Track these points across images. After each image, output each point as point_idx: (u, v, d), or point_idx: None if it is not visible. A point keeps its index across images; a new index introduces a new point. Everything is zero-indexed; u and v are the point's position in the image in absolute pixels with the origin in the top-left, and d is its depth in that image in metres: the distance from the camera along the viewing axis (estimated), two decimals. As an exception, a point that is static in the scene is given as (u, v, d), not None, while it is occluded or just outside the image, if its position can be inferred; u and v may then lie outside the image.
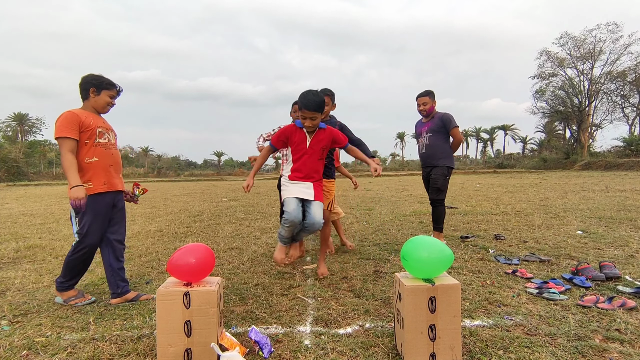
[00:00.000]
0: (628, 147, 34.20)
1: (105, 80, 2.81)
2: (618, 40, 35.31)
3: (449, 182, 4.48)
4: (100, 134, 2.75)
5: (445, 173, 4.42)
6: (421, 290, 1.90)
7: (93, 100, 2.79)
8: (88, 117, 2.71)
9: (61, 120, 2.62)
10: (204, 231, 5.90)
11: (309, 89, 2.89)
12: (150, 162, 65.82)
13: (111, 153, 2.82)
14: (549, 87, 40.69)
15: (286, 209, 2.88)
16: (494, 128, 67.31)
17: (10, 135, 52.29)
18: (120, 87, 2.91)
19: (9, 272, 3.76)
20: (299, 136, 2.91)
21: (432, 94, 4.47)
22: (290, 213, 2.84)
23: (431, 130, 4.46)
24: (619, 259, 3.68)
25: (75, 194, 2.54)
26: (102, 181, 2.73)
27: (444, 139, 4.45)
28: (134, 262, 4.08)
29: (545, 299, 2.69)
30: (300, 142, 2.92)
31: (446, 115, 4.41)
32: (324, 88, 3.48)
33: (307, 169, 2.94)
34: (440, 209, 4.49)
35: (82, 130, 2.66)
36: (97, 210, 2.72)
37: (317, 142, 2.93)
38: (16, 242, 5.28)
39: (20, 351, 2.11)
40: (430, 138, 4.46)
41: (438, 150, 4.44)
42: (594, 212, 6.66)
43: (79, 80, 2.78)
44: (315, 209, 2.93)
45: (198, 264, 2.02)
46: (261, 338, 2.06)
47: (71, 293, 2.82)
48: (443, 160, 4.43)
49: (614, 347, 2.01)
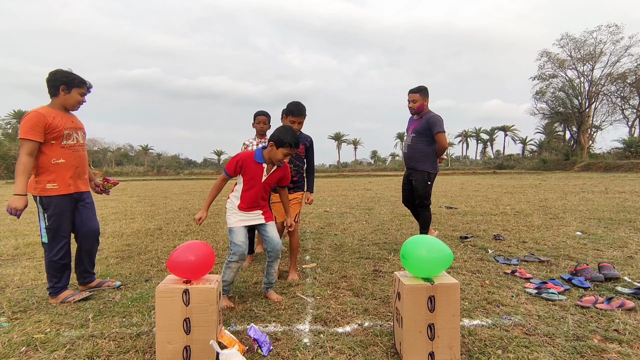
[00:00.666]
0: (628, 149, 34.24)
1: (76, 78, 2.74)
2: (619, 42, 35.33)
3: (431, 187, 4.24)
4: (67, 136, 2.72)
5: (425, 179, 4.18)
6: (420, 289, 1.90)
7: (63, 98, 2.72)
8: (56, 118, 2.65)
9: (26, 121, 2.55)
10: (203, 230, 5.90)
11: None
12: (150, 160, 65.78)
13: (78, 154, 2.82)
14: (549, 89, 40.73)
15: (235, 240, 2.68)
16: (494, 129, 67.31)
17: (10, 132, 52.22)
18: (90, 84, 2.86)
19: (8, 269, 3.76)
20: (256, 169, 2.71)
21: (423, 91, 4.17)
22: (239, 245, 2.66)
23: (415, 131, 4.21)
24: (618, 260, 3.68)
25: (16, 203, 2.53)
26: (68, 183, 2.74)
27: (427, 142, 4.15)
28: (133, 259, 4.08)
29: (544, 299, 2.69)
30: (256, 176, 2.72)
31: (434, 117, 4.09)
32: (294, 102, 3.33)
33: (256, 200, 2.76)
34: (426, 214, 4.28)
35: (47, 131, 2.61)
36: (62, 209, 2.74)
37: (272, 178, 2.77)
38: (15, 239, 5.28)
39: (19, 347, 2.11)
40: (413, 139, 4.23)
41: (419, 153, 4.19)
42: (593, 213, 6.67)
43: (47, 76, 2.68)
44: (271, 231, 2.80)
45: (198, 261, 2.02)
46: (260, 336, 2.06)
47: (66, 293, 2.82)
48: (423, 164, 4.18)
49: (613, 347, 2.01)
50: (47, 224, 2.71)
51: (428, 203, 4.26)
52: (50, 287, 2.80)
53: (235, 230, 2.72)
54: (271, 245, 2.79)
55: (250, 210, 2.77)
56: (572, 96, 39.97)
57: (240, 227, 2.74)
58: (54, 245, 2.74)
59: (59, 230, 2.73)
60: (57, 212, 2.72)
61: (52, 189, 2.68)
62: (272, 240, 2.79)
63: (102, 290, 3.05)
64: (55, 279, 2.78)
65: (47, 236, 2.72)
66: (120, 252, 4.45)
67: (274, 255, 2.82)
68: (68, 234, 2.81)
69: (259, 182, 2.72)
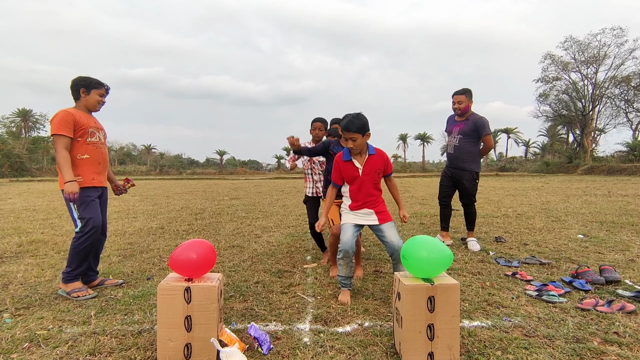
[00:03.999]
0: (631, 152, 34.06)
1: (93, 80, 2.98)
2: (623, 44, 35.15)
3: (477, 184, 4.51)
4: (92, 133, 2.94)
5: (474, 178, 4.43)
6: (420, 289, 1.91)
7: (84, 99, 2.96)
8: (81, 117, 2.89)
9: (57, 119, 2.78)
10: (205, 229, 5.92)
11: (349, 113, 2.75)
12: (153, 159, 65.95)
13: (101, 151, 3.02)
14: (553, 91, 40.55)
15: (342, 238, 2.73)
16: (497, 131, 67.04)
17: (14, 130, 52.51)
18: (107, 86, 3.09)
19: (12, 265, 3.79)
20: (349, 167, 2.75)
21: (469, 93, 4.35)
22: (344, 243, 2.68)
23: (462, 132, 4.37)
24: (620, 263, 3.67)
25: (70, 189, 2.72)
26: (92, 177, 2.93)
27: (473, 143, 4.36)
28: (136, 258, 4.10)
29: (544, 302, 2.69)
30: (353, 173, 2.75)
31: (481, 119, 4.27)
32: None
33: (364, 196, 2.76)
34: (473, 210, 4.52)
35: (75, 128, 2.83)
36: (90, 198, 2.91)
37: (368, 167, 2.74)
38: (19, 236, 5.31)
39: (22, 343, 2.13)
40: (461, 140, 4.39)
41: (466, 154, 4.37)
42: (596, 216, 6.65)
43: (70, 83, 2.96)
44: (387, 232, 2.72)
45: (199, 259, 2.04)
46: (260, 335, 2.08)
47: (76, 284, 2.89)
48: (470, 164, 4.38)
49: (612, 350, 2.01)
50: (79, 214, 2.86)
51: (475, 200, 4.53)
52: (66, 272, 2.89)
53: (344, 228, 2.78)
54: (391, 247, 2.68)
55: (361, 207, 2.79)
56: (575, 99, 39.81)
57: (349, 226, 2.77)
58: (84, 232, 2.86)
59: (90, 217, 2.87)
60: (86, 201, 2.87)
61: (78, 182, 2.83)
62: (391, 243, 2.68)
63: (104, 288, 3.08)
64: (74, 265, 2.88)
65: (81, 224, 2.87)
66: (123, 250, 4.48)
67: (396, 257, 2.65)
68: (98, 222, 2.93)
69: (358, 177, 2.75)
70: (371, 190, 2.78)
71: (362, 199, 2.78)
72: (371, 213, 2.78)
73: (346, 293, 2.79)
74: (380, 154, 2.82)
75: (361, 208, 2.79)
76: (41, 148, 49.27)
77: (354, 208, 2.80)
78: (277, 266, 3.70)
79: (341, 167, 2.79)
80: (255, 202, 10.26)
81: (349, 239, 2.70)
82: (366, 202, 2.78)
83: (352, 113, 2.71)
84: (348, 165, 2.77)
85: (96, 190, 2.97)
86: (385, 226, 2.75)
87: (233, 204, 9.83)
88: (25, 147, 43.33)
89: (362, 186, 2.76)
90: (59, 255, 4.22)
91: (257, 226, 6.12)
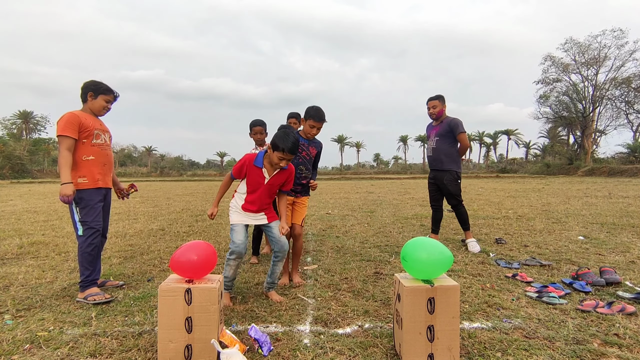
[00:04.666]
0: (632, 153, 34.08)
1: (103, 86, 3.04)
2: (623, 46, 35.23)
3: (460, 184, 4.58)
4: (97, 135, 2.97)
5: (455, 177, 4.52)
6: (420, 290, 1.91)
7: (90, 103, 3.02)
8: (87, 119, 2.93)
9: (63, 120, 2.83)
10: (205, 231, 5.93)
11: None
12: (153, 161, 66.03)
13: (106, 153, 3.05)
14: (553, 93, 40.62)
15: (233, 238, 2.72)
16: (497, 132, 67.09)
17: (15, 132, 52.62)
18: (117, 93, 3.15)
19: (13, 267, 3.80)
20: (256, 173, 2.75)
21: (442, 98, 4.55)
22: (237, 244, 2.69)
23: (439, 135, 4.53)
24: (620, 264, 3.67)
25: (64, 191, 2.74)
26: (97, 178, 2.95)
27: (450, 144, 4.50)
28: (136, 259, 4.10)
29: (544, 303, 2.69)
30: (258, 180, 2.76)
31: (454, 120, 4.44)
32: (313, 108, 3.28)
33: (260, 203, 2.80)
34: (461, 209, 4.58)
35: (80, 130, 2.86)
36: (93, 202, 2.92)
37: (275, 180, 2.79)
38: (20, 238, 5.32)
39: (23, 345, 2.14)
40: (438, 142, 4.55)
41: (444, 154, 4.52)
42: (596, 218, 6.65)
43: (81, 85, 3.02)
44: (276, 231, 2.82)
45: (200, 261, 2.04)
46: (261, 336, 2.08)
47: (93, 290, 2.89)
48: (449, 164, 4.51)
49: (613, 351, 2.01)
50: (80, 217, 2.88)
51: (461, 200, 4.58)
52: (82, 280, 2.89)
53: (236, 229, 2.77)
54: (278, 245, 2.81)
55: (254, 212, 2.81)
56: (576, 100, 39.85)
57: (241, 226, 2.79)
58: (87, 237, 2.88)
59: (92, 222, 2.89)
60: (89, 205, 2.89)
61: (83, 183, 2.87)
62: (279, 240, 2.81)
63: (105, 290, 3.08)
64: (88, 272, 2.89)
65: (82, 228, 2.88)
66: (123, 252, 4.49)
67: (280, 255, 2.84)
68: (100, 226, 2.95)
69: (262, 185, 2.76)
70: (266, 197, 2.82)
71: (257, 206, 2.80)
72: (261, 214, 2.84)
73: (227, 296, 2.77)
74: (290, 169, 2.85)
75: (253, 211, 2.81)
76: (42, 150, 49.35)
77: (246, 209, 2.80)
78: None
79: (249, 170, 2.75)
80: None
81: (243, 241, 2.72)
82: (258, 207, 2.81)
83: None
84: (257, 171, 2.74)
85: (100, 193, 2.99)
86: (274, 224, 2.85)
87: (233, 205, 9.82)
88: (26, 148, 43.41)
89: (261, 194, 2.77)
90: (60, 257, 4.23)
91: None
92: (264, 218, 2.84)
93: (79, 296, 2.86)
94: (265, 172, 2.74)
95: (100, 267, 3.07)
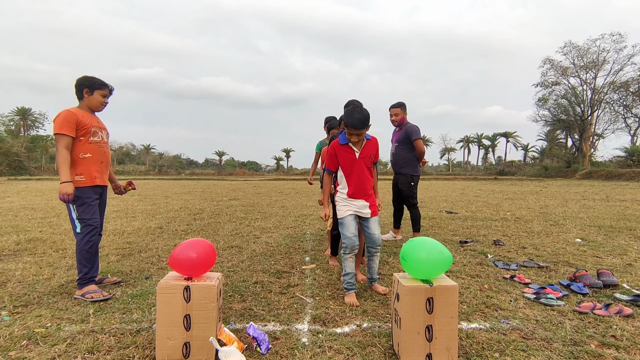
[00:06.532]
0: (630, 157, 34.17)
1: (97, 81, 2.99)
2: (622, 50, 35.36)
3: (415, 187, 4.86)
4: (94, 133, 2.96)
5: (409, 181, 4.81)
6: (419, 290, 1.92)
7: (87, 100, 2.98)
8: (84, 117, 2.91)
9: (60, 118, 2.80)
10: (204, 229, 5.92)
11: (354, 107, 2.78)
12: (152, 160, 65.89)
13: (103, 151, 3.04)
14: (552, 96, 40.75)
15: (345, 232, 2.80)
16: (496, 135, 67.22)
17: (13, 129, 52.40)
18: (112, 87, 3.11)
19: (10, 264, 3.79)
20: (346, 151, 2.83)
21: (403, 106, 4.83)
22: (349, 238, 2.78)
23: (398, 141, 4.84)
24: (617, 267, 3.69)
25: (64, 190, 2.74)
26: (94, 176, 2.93)
27: (408, 150, 4.78)
28: (134, 257, 4.10)
29: (542, 304, 2.70)
30: (350, 157, 2.82)
31: (411, 127, 4.70)
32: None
33: (361, 182, 2.84)
34: (415, 212, 4.83)
35: (78, 128, 2.85)
36: (90, 199, 2.91)
37: (365, 153, 2.84)
38: (17, 235, 5.30)
39: (20, 341, 2.13)
40: (397, 148, 4.86)
41: (402, 159, 4.83)
42: (594, 220, 6.67)
43: (74, 83, 2.97)
44: (373, 225, 2.87)
45: (199, 258, 2.04)
46: (259, 334, 2.08)
47: (91, 287, 2.88)
48: (405, 168, 4.82)
49: (610, 353, 2.02)
50: (77, 215, 2.87)
51: (415, 202, 4.88)
52: (79, 277, 2.88)
53: (345, 222, 2.85)
54: (371, 240, 2.88)
55: (357, 197, 2.86)
56: (574, 104, 39.99)
57: (350, 219, 2.85)
58: (85, 234, 2.87)
59: (89, 219, 2.89)
60: (86, 203, 2.88)
61: (80, 181, 2.86)
62: (373, 235, 2.87)
63: (103, 287, 3.07)
64: (86, 269, 2.88)
65: (80, 226, 2.87)
66: (121, 249, 4.48)
67: (373, 250, 2.92)
68: (97, 223, 2.95)
69: (354, 161, 2.83)
70: (365, 174, 2.86)
71: (359, 187, 2.85)
72: (366, 206, 2.88)
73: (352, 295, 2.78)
74: (374, 140, 2.94)
75: (357, 196, 2.85)
76: (40, 147, 49.20)
77: (351, 195, 2.86)
78: (275, 267, 3.71)
79: (338, 152, 2.85)
80: (254, 203, 10.26)
81: (354, 232, 2.79)
82: (360, 189, 2.85)
83: (356, 108, 2.76)
84: (345, 149, 2.84)
85: (97, 190, 2.98)
86: (373, 219, 2.89)
87: (232, 204, 9.83)
88: (24, 145, 43.28)
89: (357, 170, 2.83)
90: (57, 254, 4.22)
91: (255, 227, 6.12)
92: (367, 212, 2.87)
93: (77, 293, 2.85)
94: (352, 146, 2.82)
95: (98, 265, 3.06)
